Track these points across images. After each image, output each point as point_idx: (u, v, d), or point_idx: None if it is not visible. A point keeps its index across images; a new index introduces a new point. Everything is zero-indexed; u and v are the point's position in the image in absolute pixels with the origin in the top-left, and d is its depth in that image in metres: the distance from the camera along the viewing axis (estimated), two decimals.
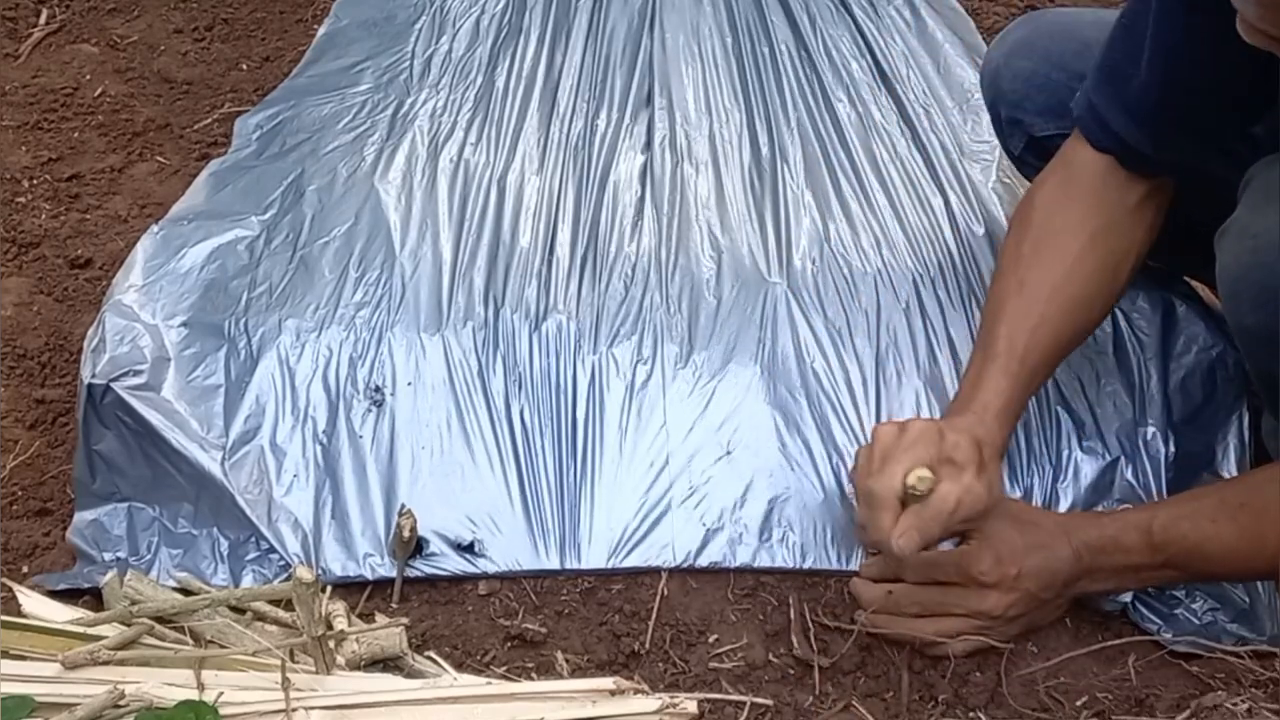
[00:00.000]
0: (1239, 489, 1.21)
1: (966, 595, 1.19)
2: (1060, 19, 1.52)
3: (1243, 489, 1.21)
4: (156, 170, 1.96)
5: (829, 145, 1.77)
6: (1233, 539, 1.16)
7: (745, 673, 1.21)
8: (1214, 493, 1.23)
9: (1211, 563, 1.19)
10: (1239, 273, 1.16)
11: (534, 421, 1.37)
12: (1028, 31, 1.50)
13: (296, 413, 1.37)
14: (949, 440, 1.16)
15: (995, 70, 1.52)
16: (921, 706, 1.18)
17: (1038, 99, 1.46)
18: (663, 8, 2.08)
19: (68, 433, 1.48)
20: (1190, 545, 1.17)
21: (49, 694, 1.01)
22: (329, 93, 1.89)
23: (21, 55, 2.21)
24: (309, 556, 1.28)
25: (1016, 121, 1.50)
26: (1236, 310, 1.19)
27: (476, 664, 1.20)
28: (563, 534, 1.31)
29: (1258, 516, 1.15)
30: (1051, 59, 1.45)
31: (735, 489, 1.33)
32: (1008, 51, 1.50)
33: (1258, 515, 1.15)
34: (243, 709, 1.01)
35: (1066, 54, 1.43)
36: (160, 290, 1.45)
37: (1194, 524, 1.17)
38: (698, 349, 1.44)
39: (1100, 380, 1.41)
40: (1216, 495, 1.21)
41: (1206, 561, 1.19)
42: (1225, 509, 1.17)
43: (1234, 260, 1.17)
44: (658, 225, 1.62)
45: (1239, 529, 1.16)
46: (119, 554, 1.31)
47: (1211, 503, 1.19)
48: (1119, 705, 1.20)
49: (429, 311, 1.47)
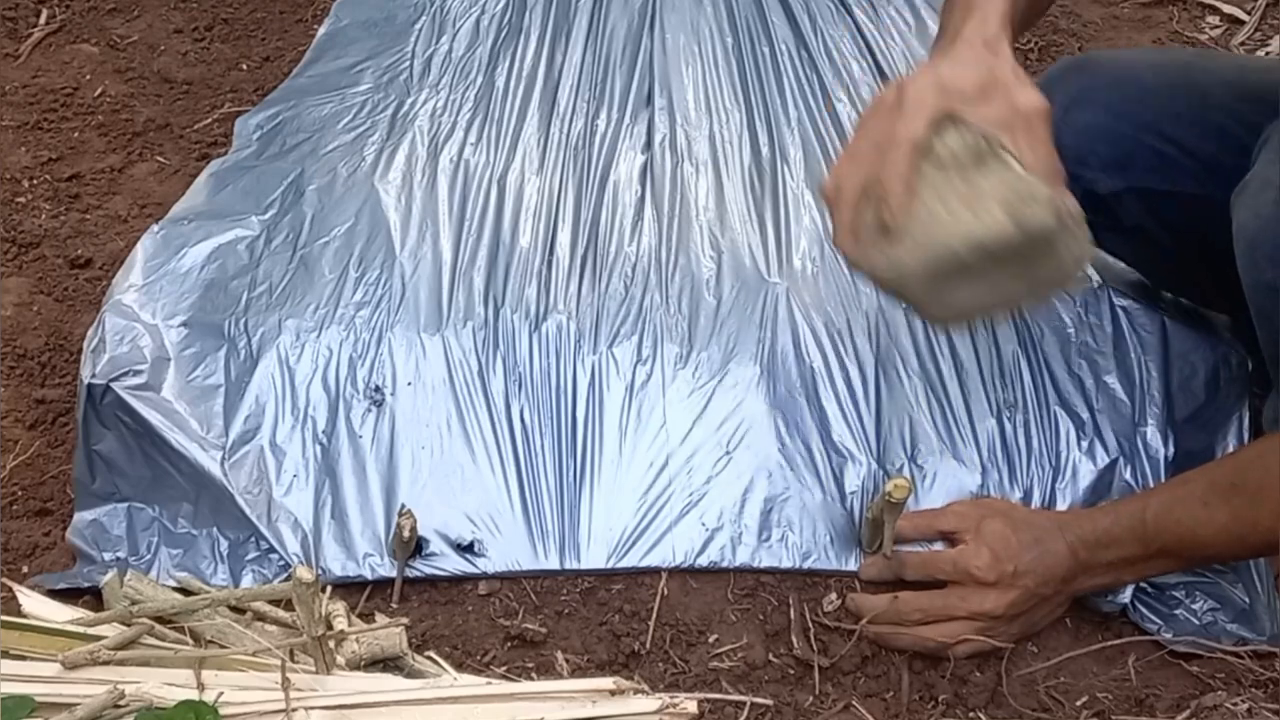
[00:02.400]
0: (1228, 469, 1.21)
1: (967, 596, 1.20)
2: (1118, 66, 1.46)
3: (1231, 469, 1.20)
4: (156, 170, 1.96)
5: (829, 145, 1.77)
6: (1226, 521, 1.16)
7: (745, 673, 1.21)
8: (1203, 475, 1.21)
9: (1206, 547, 1.19)
10: (1259, 225, 1.13)
11: (534, 421, 1.37)
12: (1086, 82, 1.43)
13: (296, 413, 1.37)
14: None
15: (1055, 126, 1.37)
16: (921, 706, 1.19)
17: (1102, 151, 1.39)
18: (663, 8, 2.08)
19: (68, 433, 1.48)
20: (1184, 531, 1.17)
21: (49, 694, 1.01)
22: (329, 93, 1.89)
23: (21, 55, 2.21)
24: (309, 556, 1.28)
25: (1076, 178, 1.35)
26: (1254, 266, 1.16)
27: (476, 664, 1.20)
28: (562, 534, 1.31)
29: (1250, 498, 1.14)
30: (1114, 110, 1.39)
31: (735, 489, 1.33)
32: (1067, 104, 1.38)
33: (1250, 497, 1.14)
34: (243, 709, 1.01)
35: (1130, 102, 1.39)
36: (160, 290, 1.45)
37: (1186, 509, 1.17)
38: (697, 349, 1.44)
39: (1100, 380, 1.42)
40: (1206, 478, 1.20)
41: (1201, 546, 1.19)
42: (1216, 491, 1.16)
43: (1253, 215, 1.14)
44: (658, 225, 1.62)
45: (1231, 511, 1.15)
46: (119, 554, 1.31)
47: (1201, 486, 1.18)
48: (1119, 705, 1.20)
49: (429, 311, 1.47)
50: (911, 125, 1.08)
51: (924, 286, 1.11)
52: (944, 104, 1.09)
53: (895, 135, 1.09)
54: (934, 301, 1.12)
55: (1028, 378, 1.42)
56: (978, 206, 1.06)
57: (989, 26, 1.14)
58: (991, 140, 1.07)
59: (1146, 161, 1.39)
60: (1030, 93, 1.09)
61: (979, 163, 1.07)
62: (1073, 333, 1.44)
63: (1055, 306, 1.46)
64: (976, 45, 1.12)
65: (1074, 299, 1.46)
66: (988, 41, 1.12)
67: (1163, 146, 1.38)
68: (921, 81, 1.11)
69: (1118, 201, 1.39)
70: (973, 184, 1.07)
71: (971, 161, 1.07)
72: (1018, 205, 1.05)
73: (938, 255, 1.08)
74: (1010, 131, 1.08)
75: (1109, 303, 1.45)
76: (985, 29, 1.13)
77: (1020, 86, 1.09)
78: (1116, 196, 1.39)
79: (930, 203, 1.08)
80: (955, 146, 1.08)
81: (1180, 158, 1.38)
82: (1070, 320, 1.45)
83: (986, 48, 1.12)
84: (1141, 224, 1.41)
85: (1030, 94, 1.09)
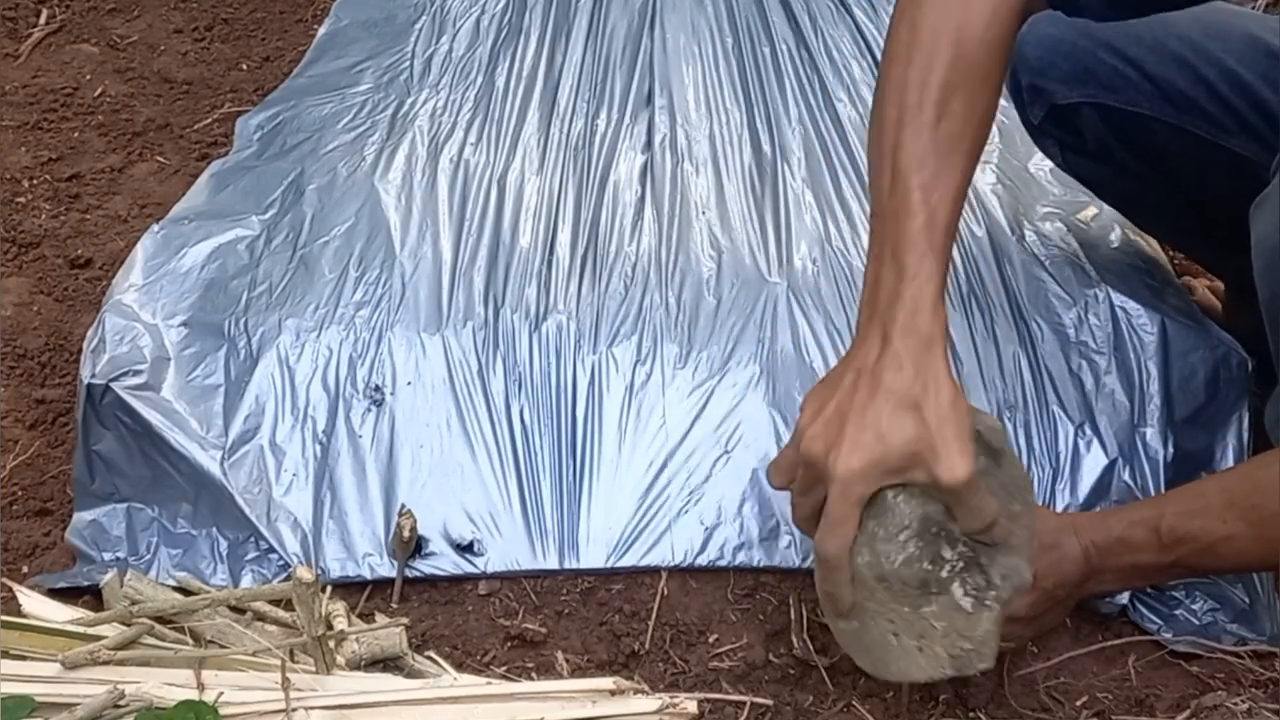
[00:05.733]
0: (1246, 487, 1.18)
1: None
2: None
3: (1249, 487, 1.18)
4: (156, 170, 1.96)
5: (829, 145, 1.77)
6: (1246, 542, 1.15)
7: (745, 673, 1.21)
8: (1220, 490, 1.20)
9: (1223, 561, 1.19)
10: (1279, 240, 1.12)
11: (534, 421, 1.37)
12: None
13: (296, 412, 1.37)
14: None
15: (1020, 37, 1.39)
16: (921, 706, 1.18)
17: (1063, 65, 1.42)
18: (663, 8, 2.08)
19: (68, 433, 1.49)
20: (1202, 547, 1.16)
21: (49, 694, 1.01)
22: (329, 93, 1.89)
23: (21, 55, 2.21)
24: (308, 556, 1.28)
25: (1038, 90, 1.46)
26: (1273, 280, 1.15)
27: (476, 664, 1.20)
28: (562, 533, 1.31)
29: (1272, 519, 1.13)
30: (1078, 25, 1.41)
31: (735, 488, 1.33)
32: (1031, 19, 1.42)
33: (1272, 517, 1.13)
34: (243, 709, 1.02)
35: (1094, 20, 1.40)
36: (160, 290, 1.45)
37: (1204, 524, 1.16)
38: (697, 349, 1.44)
39: (1100, 380, 1.41)
40: (1224, 494, 1.18)
41: (1218, 560, 1.18)
42: (1235, 510, 1.15)
43: (1273, 229, 1.13)
44: (658, 225, 1.62)
45: (1253, 531, 1.14)
46: (118, 554, 1.31)
47: (1219, 501, 1.17)
48: (1119, 705, 1.20)
49: (429, 311, 1.47)
50: (842, 536, 1.05)
51: (865, 669, 1.15)
52: (871, 489, 1.05)
53: (827, 548, 1.06)
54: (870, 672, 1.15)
55: (1028, 378, 1.41)
56: (924, 644, 1.09)
57: (920, 326, 1.06)
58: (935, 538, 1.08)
59: (1105, 78, 1.43)
60: (952, 467, 1.03)
61: (923, 590, 1.08)
62: (1072, 333, 1.44)
63: (1055, 306, 1.46)
64: (906, 374, 1.04)
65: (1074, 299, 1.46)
66: (919, 360, 1.05)
67: (1122, 66, 1.42)
68: (846, 459, 1.04)
69: (1076, 114, 1.42)
70: (919, 615, 1.09)
71: (917, 588, 1.08)
72: (962, 656, 1.09)
73: (885, 674, 1.12)
74: (942, 500, 1.06)
75: (1109, 303, 1.45)
76: (917, 332, 1.05)
77: (944, 455, 1.03)
78: (1075, 109, 1.43)
79: (879, 622, 1.10)
80: (901, 571, 1.07)
81: (1139, 80, 1.41)
82: (1070, 320, 1.45)
83: (917, 374, 1.04)
84: (1106, 144, 1.46)
85: (952, 469, 1.03)
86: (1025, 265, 1.52)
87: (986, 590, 1.09)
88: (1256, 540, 1.14)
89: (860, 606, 1.10)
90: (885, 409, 1.04)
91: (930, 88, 1.11)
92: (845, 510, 1.05)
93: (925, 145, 1.10)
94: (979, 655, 1.09)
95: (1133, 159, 1.47)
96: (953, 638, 1.09)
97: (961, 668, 1.10)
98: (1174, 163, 1.44)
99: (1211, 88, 1.39)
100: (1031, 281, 1.50)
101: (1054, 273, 1.50)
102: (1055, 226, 1.59)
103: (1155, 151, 1.44)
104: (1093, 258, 1.53)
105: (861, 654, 1.13)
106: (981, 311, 1.46)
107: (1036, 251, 1.55)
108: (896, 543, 1.07)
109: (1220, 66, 1.38)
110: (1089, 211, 1.61)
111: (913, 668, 1.10)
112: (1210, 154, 1.39)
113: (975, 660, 1.09)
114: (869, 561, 1.08)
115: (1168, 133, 1.42)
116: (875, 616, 1.10)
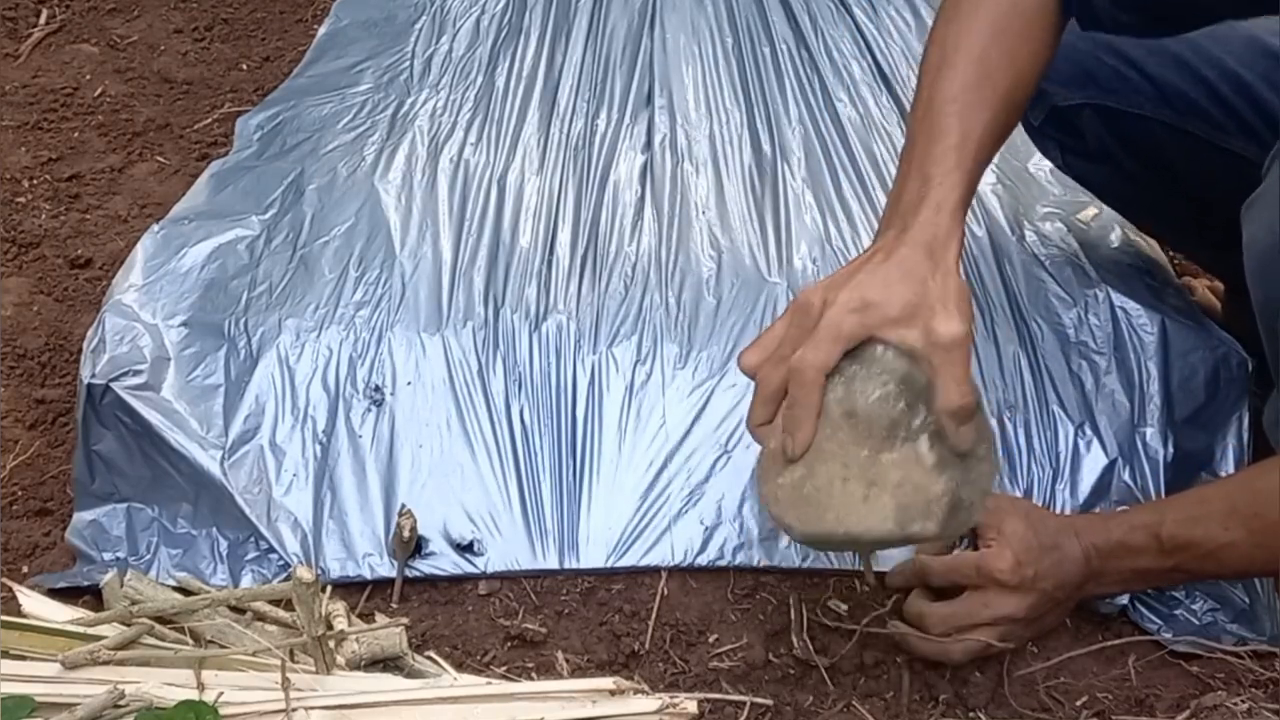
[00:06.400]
0: (1248, 495, 1.18)
1: (989, 600, 1.18)
2: None
3: (1251, 495, 1.17)
4: (156, 170, 1.96)
5: (829, 145, 1.77)
6: (1247, 549, 1.15)
7: (745, 673, 1.21)
8: (1222, 497, 1.20)
9: (1224, 567, 1.20)
10: (1271, 240, 1.12)
11: (533, 421, 1.37)
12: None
13: (296, 412, 1.37)
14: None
15: None
16: (921, 706, 1.18)
17: (1063, 67, 1.40)
18: (663, 8, 2.08)
19: (68, 433, 1.49)
20: (1204, 553, 1.17)
21: (49, 694, 1.01)
22: (329, 93, 1.90)
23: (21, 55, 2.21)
24: (308, 556, 1.28)
25: (1039, 91, 1.43)
26: (1266, 282, 1.15)
27: (476, 664, 1.20)
28: (562, 533, 1.31)
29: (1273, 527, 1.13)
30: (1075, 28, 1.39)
31: (735, 488, 1.33)
32: None
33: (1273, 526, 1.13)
34: (243, 709, 1.01)
35: None
36: (160, 290, 1.45)
37: (1206, 531, 1.16)
38: (697, 348, 1.44)
39: (1099, 380, 1.41)
40: (1226, 501, 1.18)
41: (1219, 566, 1.19)
42: (1237, 518, 1.15)
43: (1265, 230, 1.13)
44: (658, 225, 1.62)
45: (1254, 539, 1.15)
46: (118, 554, 1.31)
47: (1221, 509, 1.17)
48: (1119, 705, 1.20)
49: (429, 311, 1.47)
50: (824, 353, 1.07)
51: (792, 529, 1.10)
52: (863, 331, 1.07)
53: (805, 360, 1.07)
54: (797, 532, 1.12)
55: (1028, 378, 1.41)
56: (872, 492, 1.06)
57: (940, 222, 1.11)
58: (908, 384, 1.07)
59: (1105, 80, 1.44)
60: (950, 323, 1.06)
61: (890, 434, 1.07)
62: (1072, 333, 1.44)
63: (1055, 306, 1.46)
64: (918, 254, 1.09)
65: (1074, 299, 1.46)
66: (933, 248, 1.10)
67: (1122, 68, 1.43)
68: (845, 299, 1.07)
69: (1077, 116, 1.43)
70: (876, 460, 1.07)
71: (884, 430, 1.06)
72: (910, 509, 1.06)
73: (817, 526, 1.08)
74: (927, 359, 1.07)
75: (1109, 303, 1.45)
76: (936, 226, 1.11)
77: (943, 313, 1.07)
78: (1075, 110, 1.44)
79: (830, 465, 1.07)
80: (874, 407, 1.06)
81: (1139, 81, 1.42)
82: (1070, 320, 1.45)
83: (929, 257, 1.09)
84: (1106, 146, 1.47)
85: (950, 324, 1.06)
86: (1025, 265, 1.53)
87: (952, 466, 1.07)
88: (1258, 548, 1.15)
89: (816, 449, 1.07)
90: (894, 273, 1.08)
91: (971, 35, 1.20)
92: (833, 333, 1.07)
93: (960, 84, 1.18)
94: (926, 513, 1.05)
95: (1133, 160, 1.47)
96: (907, 489, 1.06)
97: (904, 522, 1.06)
98: (1174, 164, 1.44)
99: (1212, 89, 1.39)
100: (1031, 281, 1.50)
101: (1054, 273, 1.51)
102: (1055, 227, 1.59)
103: (1155, 153, 1.45)
104: (1093, 258, 1.53)
105: (796, 507, 1.08)
106: (981, 311, 1.46)
107: (1036, 251, 1.55)
108: (876, 380, 1.07)
109: (1220, 67, 1.39)
110: (1089, 212, 1.61)
111: (851, 517, 1.06)
112: (1210, 155, 1.40)
113: (920, 518, 1.05)
114: (840, 397, 1.06)
115: (1168, 134, 1.42)
116: (828, 460, 1.07)
